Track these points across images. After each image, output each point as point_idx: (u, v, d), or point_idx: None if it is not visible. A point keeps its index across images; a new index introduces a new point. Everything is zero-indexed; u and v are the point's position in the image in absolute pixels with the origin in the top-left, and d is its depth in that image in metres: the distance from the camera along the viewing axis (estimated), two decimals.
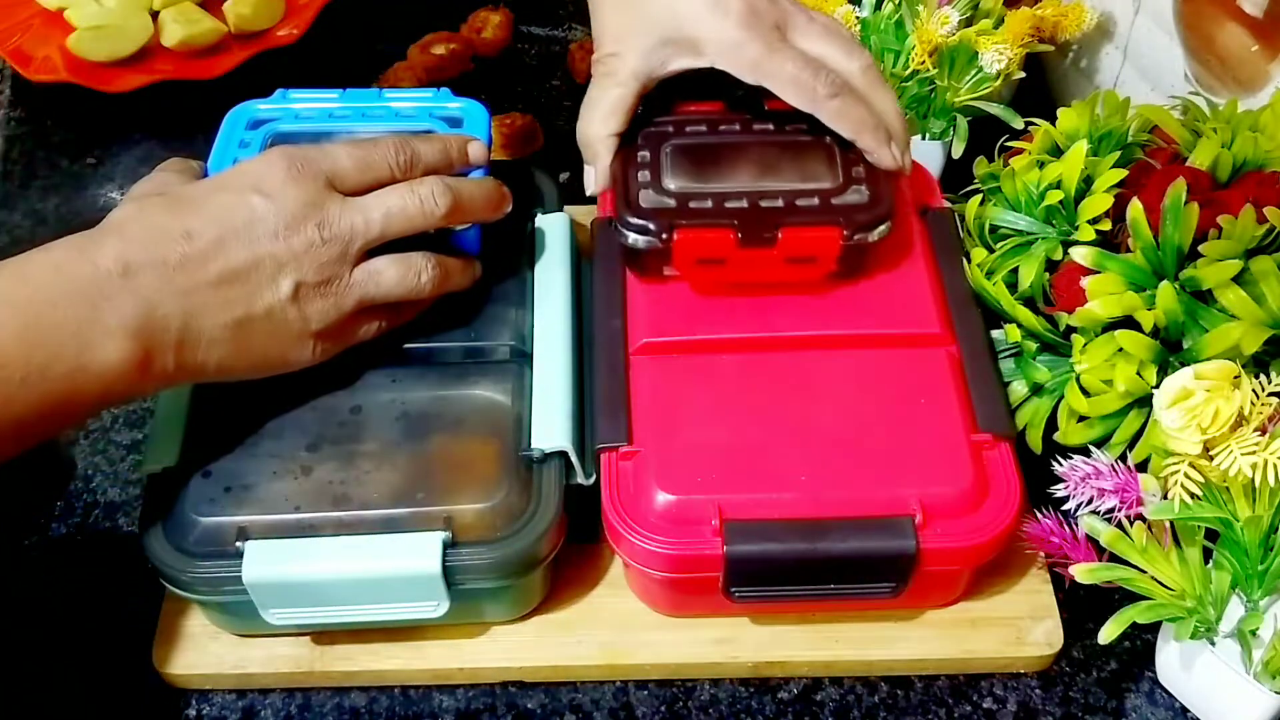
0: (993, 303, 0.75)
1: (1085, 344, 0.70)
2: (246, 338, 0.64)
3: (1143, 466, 0.67)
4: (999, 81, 0.87)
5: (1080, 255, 0.71)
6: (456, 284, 0.72)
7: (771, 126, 0.77)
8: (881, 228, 0.72)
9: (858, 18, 0.88)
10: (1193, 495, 0.62)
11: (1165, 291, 0.68)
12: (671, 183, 0.74)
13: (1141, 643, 0.72)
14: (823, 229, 0.71)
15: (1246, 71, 0.83)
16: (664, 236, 0.71)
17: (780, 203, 0.72)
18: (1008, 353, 0.76)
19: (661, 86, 0.76)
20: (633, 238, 0.72)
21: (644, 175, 0.74)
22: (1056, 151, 0.77)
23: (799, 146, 0.76)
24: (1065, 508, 0.66)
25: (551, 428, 0.69)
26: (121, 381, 0.61)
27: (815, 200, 0.73)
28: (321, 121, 0.77)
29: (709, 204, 0.72)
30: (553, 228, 0.80)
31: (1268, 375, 0.64)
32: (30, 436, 0.60)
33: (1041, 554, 0.70)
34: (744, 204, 0.72)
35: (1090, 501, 0.64)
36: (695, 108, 0.79)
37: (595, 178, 0.77)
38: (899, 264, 0.76)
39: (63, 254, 0.61)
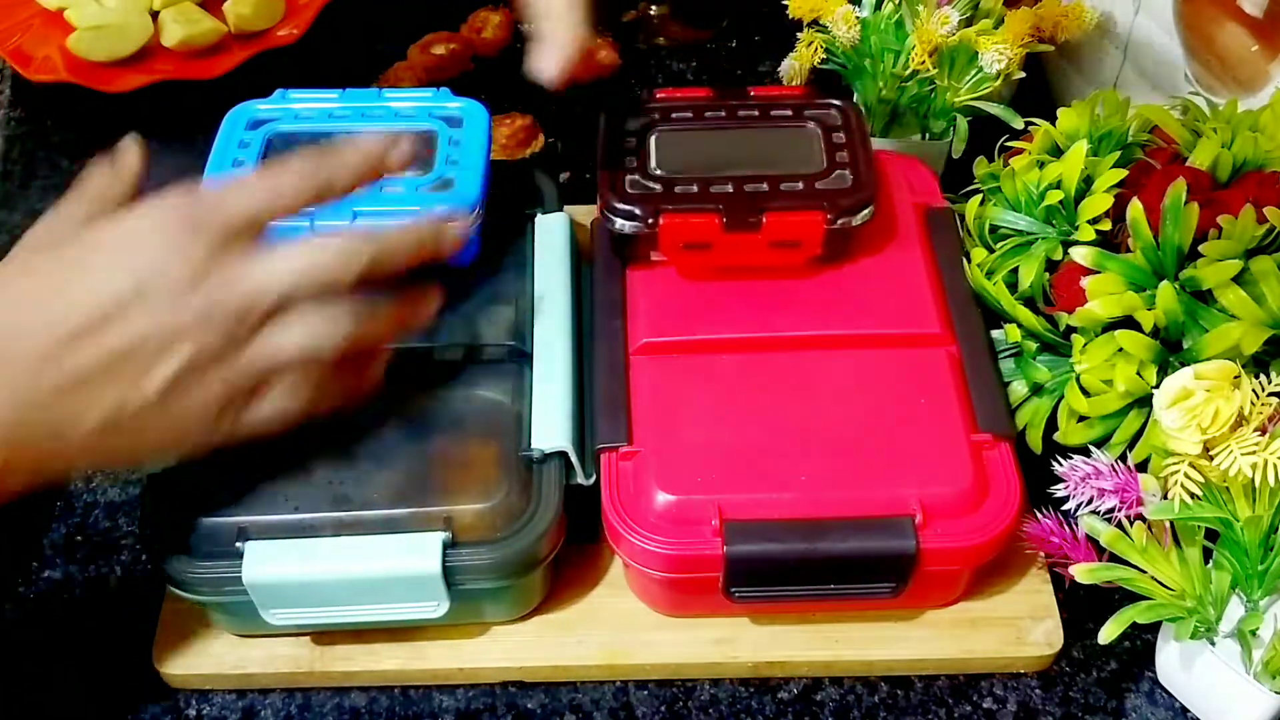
0: (993, 303, 0.75)
1: (1085, 344, 0.70)
2: (131, 430, 0.56)
3: (1143, 466, 0.67)
4: (999, 81, 0.87)
5: (1080, 255, 0.71)
6: (392, 333, 0.65)
7: (757, 113, 0.78)
8: (864, 212, 0.73)
9: (857, 17, 0.87)
10: (1193, 495, 0.62)
11: (1165, 291, 0.68)
12: (658, 168, 0.75)
13: (1141, 643, 0.72)
14: (806, 213, 0.72)
15: (1246, 71, 0.83)
16: (650, 221, 0.72)
17: (765, 187, 0.73)
18: (1008, 353, 0.76)
19: (649, 77, 0.76)
20: (619, 223, 0.73)
21: (631, 161, 0.75)
22: (1056, 151, 0.77)
23: (784, 132, 0.77)
24: (1065, 508, 0.65)
25: (551, 428, 0.69)
26: None
27: (799, 185, 0.73)
28: (321, 121, 0.77)
29: (694, 189, 0.73)
30: (553, 228, 0.80)
31: (1268, 375, 0.63)
32: None
33: (1041, 554, 0.70)
34: (729, 189, 0.73)
35: (1090, 501, 0.64)
36: (682, 94, 0.80)
37: (556, 53, 0.69)
38: (899, 264, 0.76)
39: None
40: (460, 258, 0.74)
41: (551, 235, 0.80)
